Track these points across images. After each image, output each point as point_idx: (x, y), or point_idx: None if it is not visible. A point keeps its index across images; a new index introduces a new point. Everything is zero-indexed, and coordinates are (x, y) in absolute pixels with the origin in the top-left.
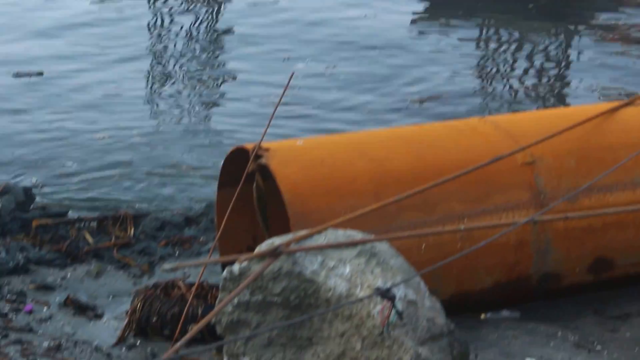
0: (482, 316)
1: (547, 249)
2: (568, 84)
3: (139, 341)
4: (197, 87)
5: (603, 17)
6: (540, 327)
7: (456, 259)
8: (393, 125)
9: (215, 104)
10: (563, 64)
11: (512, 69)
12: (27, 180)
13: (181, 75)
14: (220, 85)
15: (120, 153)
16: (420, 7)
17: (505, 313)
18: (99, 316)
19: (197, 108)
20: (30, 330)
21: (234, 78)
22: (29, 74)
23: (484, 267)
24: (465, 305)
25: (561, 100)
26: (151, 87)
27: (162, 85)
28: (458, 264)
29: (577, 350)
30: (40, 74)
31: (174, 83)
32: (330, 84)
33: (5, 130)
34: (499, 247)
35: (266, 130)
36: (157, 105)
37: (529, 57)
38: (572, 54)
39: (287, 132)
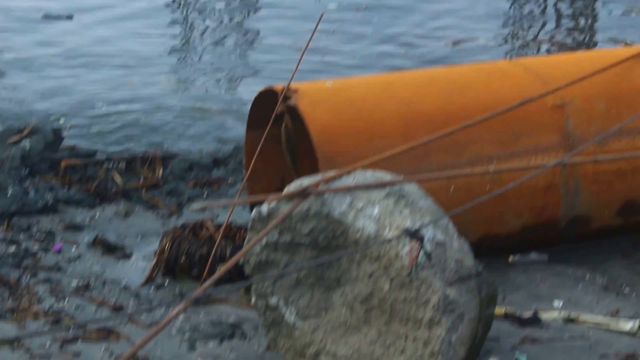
0: (510, 259)
1: (576, 192)
2: (595, 35)
3: (167, 281)
4: (227, 29)
5: None
6: (568, 270)
7: (485, 202)
8: (425, 66)
9: (245, 45)
10: (590, 17)
11: (541, 20)
12: (56, 121)
13: (212, 17)
14: (250, 25)
15: (149, 96)
16: None
17: (533, 256)
18: (127, 256)
19: (226, 49)
20: (59, 269)
21: (264, 18)
22: (58, 17)
23: (513, 210)
24: (493, 248)
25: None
26: (183, 31)
27: (193, 29)
28: (486, 207)
29: (605, 293)
30: (70, 17)
31: (204, 26)
32: (362, 25)
33: (33, 71)
34: (527, 189)
35: (295, 71)
36: (187, 48)
37: (557, 8)
38: (602, 7)
39: (316, 74)
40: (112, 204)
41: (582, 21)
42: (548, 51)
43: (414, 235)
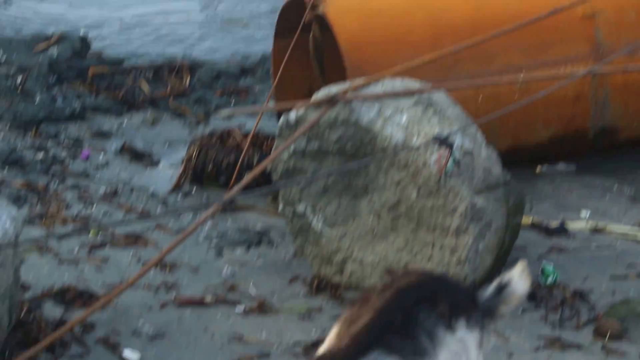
0: (538, 169)
1: (605, 102)
2: None
3: (194, 189)
4: None
5: None
6: (596, 181)
7: (513, 111)
8: None
9: None
10: None
11: None
12: (84, 29)
13: None
14: None
15: (178, 7)
16: None
17: (561, 166)
18: (154, 164)
19: None
20: (87, 176)
21: None
22: None
23: (541, 120)
24: (521, 158)
25: None
26: None
27: None
28: (515, 117)
29: (633, 204)
30: None
31: None
32: None
33: None
34: (556, 99)
35: None
36: None
37: None
38: None
39: None
40: (140, 112)
41: None
42: None
43: (444, 142)
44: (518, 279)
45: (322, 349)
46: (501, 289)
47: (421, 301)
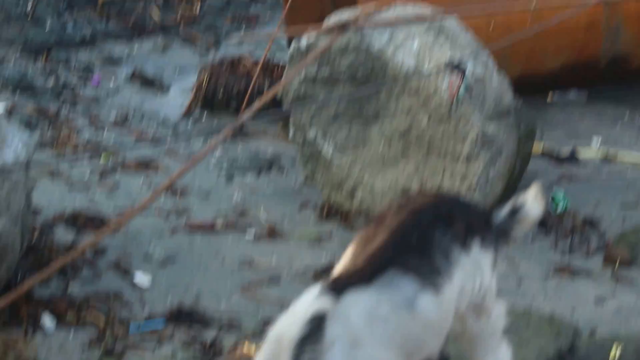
0: (549, 97)
1: (618, 31)
2: None
3: (204, 115)
4: None
5: None
6: (607, 109)
7: (525, 39)
8: None
9: None
10: None
11: None
12: None
13: None
14: None
15: None
16: None
17: (572, 95)
18: (165, 90)
19: None
20: (98, 102)
21: None
22: None
23: (553, 48)
24: (532, 86)
25: None
26: None
27: None
28: (527, 45)
29: None
30: None
31: None
32: None
33: None
34: (568, 27)
35: None
36: None
37: None
38: None
39: None
40: (150, 38)
41: None
42: None
43: (456, 68)
44: (532, 201)
45: (337, 269)
46: (515, 211)
47: (437, 221)
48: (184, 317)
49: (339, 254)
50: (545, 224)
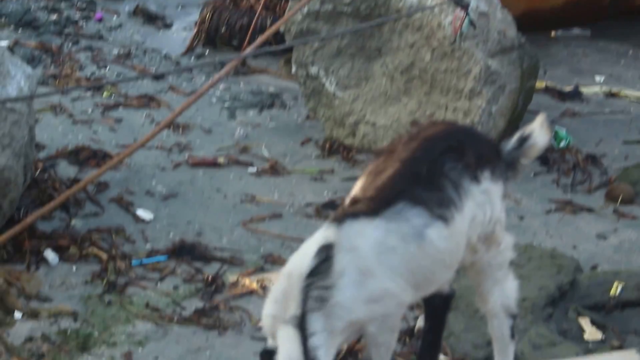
0: (553, 34)
1: None
2: None
3: (207, 51)
4: None
5: None
6: (611, 46)
7: None
8: None
9: None
10: None
11: None
12: None
13: None
14: None
15: None
16: None
17: (576, 31)
18: (167, 26)
19: None
20: (100, 37)
21: None
22: None
23: None
24: (536, 22)
25: None
26: None
27: None
28: None
29: None
30: None
31: None
32: None
33: None
34: None
35: None
36: None
37: None
38: None
39: None
40: None
41: None
42: None
43: (459, 3)
44: (538, 131)
45: (347, 201)
46: (522, 141)
47: (448, 152)
48: (185, 251)
49: (341, 189)
50: (547, 160)
